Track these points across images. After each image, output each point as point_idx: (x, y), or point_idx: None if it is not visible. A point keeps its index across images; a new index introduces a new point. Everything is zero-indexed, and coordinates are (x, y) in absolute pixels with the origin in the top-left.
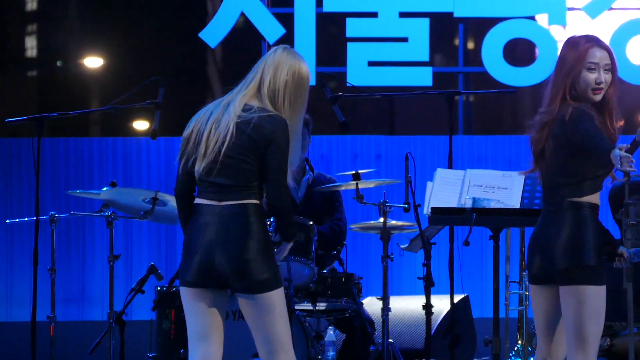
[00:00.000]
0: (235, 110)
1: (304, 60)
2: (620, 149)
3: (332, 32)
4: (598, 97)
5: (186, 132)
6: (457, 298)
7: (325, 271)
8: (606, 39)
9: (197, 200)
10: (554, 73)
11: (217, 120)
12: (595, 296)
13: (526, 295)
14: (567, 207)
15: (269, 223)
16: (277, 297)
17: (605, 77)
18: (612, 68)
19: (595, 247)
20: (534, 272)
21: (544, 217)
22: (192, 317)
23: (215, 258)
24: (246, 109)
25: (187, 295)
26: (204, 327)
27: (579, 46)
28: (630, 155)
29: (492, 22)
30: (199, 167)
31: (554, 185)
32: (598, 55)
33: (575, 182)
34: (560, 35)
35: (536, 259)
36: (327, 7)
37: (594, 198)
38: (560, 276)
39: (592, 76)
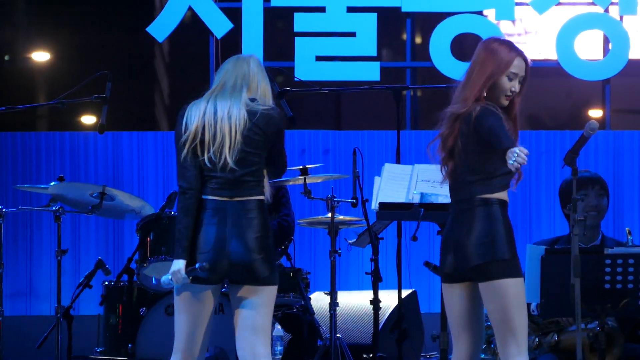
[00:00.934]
0: (242, 108)
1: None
2: (521, 150)
3: (279, 27)
4: (506, 103)
5: (191, 128)
6: (405, 293)
7: None
8: (554, 34)
9: (207, 196)
10: (472, 74)
11: (228, 117)
12: (515, 287)
13: None
14: (477, 203)
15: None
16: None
17: (518, 86)
18: (524, 79)
19: (507, 241)
20: (447, 271)
21: (455, 215)
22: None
23: (226, 255)
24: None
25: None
26: (194, 323)
27: (501, 54)
28: (525, 150)
29: (440, 16)
30: (213, 161)
31: (465, 182)
32: (519, 66)
33: (485, 179)
34: (508, 30)
35: (449, 258)
36: (275, 1)
37: (503, 195)
38: (477, 273)
39: (509, 84)
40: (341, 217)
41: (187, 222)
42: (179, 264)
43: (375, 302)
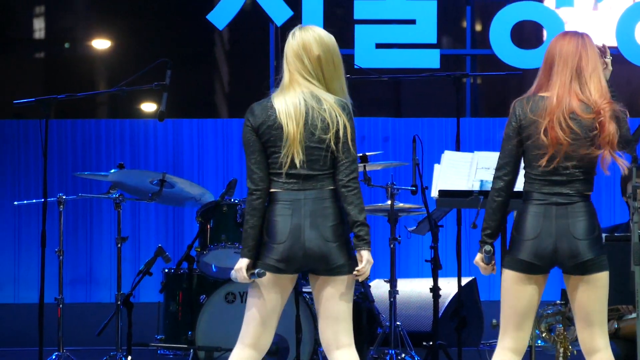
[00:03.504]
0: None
1: (318, 27)
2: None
3: (339, 14)
4: None
5: (263, 127)
6: (465, 281)
7: None
8: (613, 21)
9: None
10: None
11: (304, 113)
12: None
13: None
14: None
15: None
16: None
17: None
18: None
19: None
20: (532, 261)
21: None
22: (261, 301)
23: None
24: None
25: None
26: (268, 314)
27: None
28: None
29: (500, 4)
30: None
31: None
32: None
33: (590, 178)
34: (567, 17)
35: (540, 249)
36: None
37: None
38: (585, 267)
39: None
40: (401, 204)
41: (253, 222)
42: (241, 263)
43: (435, 289)
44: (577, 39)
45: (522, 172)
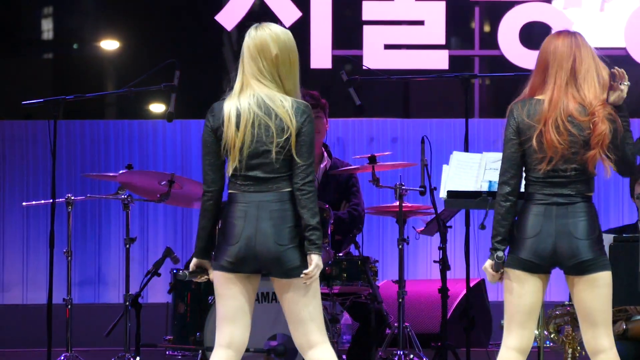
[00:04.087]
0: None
1: (275, 25)
2: None
3: (348, 15)
4: None
5: (222, 127)
6: (473, 282)
7: (341, 254)
8: (622, 22)
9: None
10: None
11: (251, 119)
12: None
13: None
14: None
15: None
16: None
17: None
18: None
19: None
20: (534, 260)
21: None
22: (224, 299)
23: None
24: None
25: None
26: (234, 310)
27: None
28: None
29: (509, 5)
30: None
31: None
32: None
33: (589, 179)
34: (575, 18)
35: (539, 249)
36: None
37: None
38: (584, 267)
39: None
40: (409, 205)
41: (203, 224)
42: (192, 263)
43: (444, 290)
44: (571, 39)
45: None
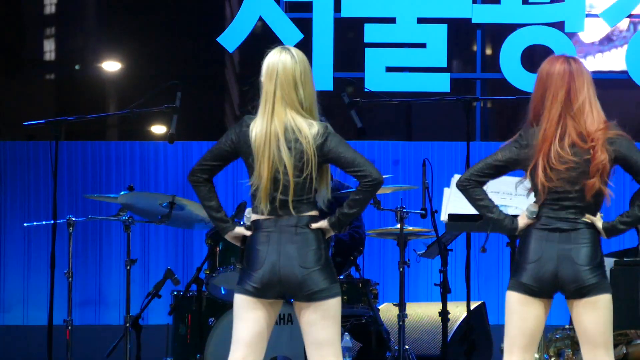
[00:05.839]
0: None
1: (294, 48)
2: None
3: (350, 38)
4: None
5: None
6: (474, 305)
7: (341, 277)
8: (624, 46)
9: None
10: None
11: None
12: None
13: None
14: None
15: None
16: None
17: None
18: None
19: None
20: (536, 285)
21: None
22: (244, 322)
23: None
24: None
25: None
26: (252, 335)
27: None
28: None
29: (511, 28)
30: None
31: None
32: None
33: (596, 204)
34: (577, 41)
35: (544, 274)
36: (345, 12)
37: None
38: (586, 291)
39: None
40: (410, 228)
41: (202, 194)
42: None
43: (444, 313)
44: (565, 67)
45: (531, 194)
